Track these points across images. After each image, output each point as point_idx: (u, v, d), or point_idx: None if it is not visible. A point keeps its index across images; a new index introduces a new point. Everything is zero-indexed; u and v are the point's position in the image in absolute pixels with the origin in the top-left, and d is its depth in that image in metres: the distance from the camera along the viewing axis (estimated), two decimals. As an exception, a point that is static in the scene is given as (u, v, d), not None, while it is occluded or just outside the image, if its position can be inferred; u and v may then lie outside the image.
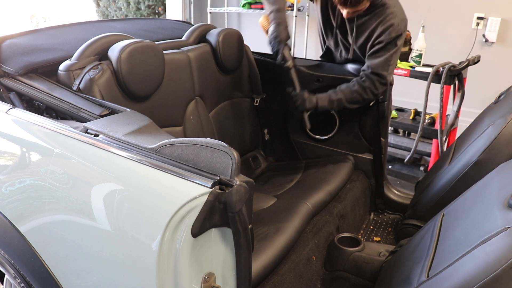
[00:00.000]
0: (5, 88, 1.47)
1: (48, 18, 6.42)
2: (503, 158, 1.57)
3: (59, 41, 1.69)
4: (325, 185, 1.95)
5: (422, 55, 2.79)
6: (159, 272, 0.95)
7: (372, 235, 2.18)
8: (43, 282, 1.24)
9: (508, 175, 1.29)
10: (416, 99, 3.15)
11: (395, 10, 1.88)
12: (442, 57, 2.90)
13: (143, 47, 1.58)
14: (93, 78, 1.47)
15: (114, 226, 1.03)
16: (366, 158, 2.25)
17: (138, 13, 5.43)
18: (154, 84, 1.67)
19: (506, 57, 3.69)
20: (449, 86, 2.64)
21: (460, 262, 1.10)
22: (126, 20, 2.38)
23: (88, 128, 1.18)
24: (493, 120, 1.73)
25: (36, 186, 1.21)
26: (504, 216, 1.08)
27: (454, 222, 1.35)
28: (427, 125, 3.00)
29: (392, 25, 1.87)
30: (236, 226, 0.94)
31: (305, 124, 2.10)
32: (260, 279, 1.41)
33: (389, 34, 1.88)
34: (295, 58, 2.45)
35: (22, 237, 1.24)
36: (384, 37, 1.88)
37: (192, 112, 1.95)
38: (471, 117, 2.35)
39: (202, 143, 1.00)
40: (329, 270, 1.78)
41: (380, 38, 1.90)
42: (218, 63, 2.09)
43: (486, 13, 3.67)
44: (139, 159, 1.02)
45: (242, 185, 0.93)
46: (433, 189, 1.91)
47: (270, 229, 1.57)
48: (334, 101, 2.00)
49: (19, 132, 1.31)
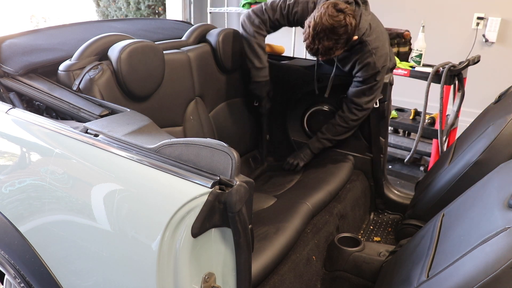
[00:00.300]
0: (5, 88, 1.47)
1: (48, 18, 6.42)
2: (503, 158, 1.57)
3: (59, 41, 1.69)
4: (325, 185, 1.95)
5: (422, 55, 2.79)
6: (159, 272, 0.95)
7: (372, 235, 2.18)
8: (43, 282, 1.24)
9: (508, 175, 1.29)
10: (416, 99, 3.15)
11: (374, 46, 1.87)
12: (442, 57, 2.90)
13: (143, 47, 1.58)
14: (93, 78, 1.47)
15: (114, 226, 1.03)
16: (366, 158, 2.25)
17: (138, 13, 5.43)
18: (154, 84, 1.67)
19: (506, 57, 3.69)
20: (449, 86, 2.63)
21: (460, 262, 1.10)
22: (126, 20, 2.38)
23: (88, 128, 1.18)
24: (493, 120, 1.73)
25: (36, 186, 1.21)
26: (504, 216, 1.08)
27: (454, 222, 1.35)
28: (427, 125, 3.00)
29: (369, 64, 1.89)
30: (236, 226, 0.94)
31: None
32: (260, 279, 1.41)
33: (366, 71, 1.92)
34: (295, 58, 2.46)
35: (22, 237, 1.24)
36: (361, 74, 1.93)
37: (192, 112, 1.95)
38: (471, 117, 2.35)
39: (202, 143, 1.00)
40: (329, 270, 1.78)
41: (358, 73, 1.94)
42: (218, 63, 2.09)
43: (486, 13, 3.67)
44: (139, 159, 1.02)
45: (242, 185, 0.93)
46: (433, 189, 1.91)
47: (270, 229, 1.57)
48: (323, 140, 2.15)
49: (19, 132, 1.31)
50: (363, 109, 2.02)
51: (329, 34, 1.73)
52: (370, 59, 1.88)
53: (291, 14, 1.97)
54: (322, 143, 2.15)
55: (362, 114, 2.03)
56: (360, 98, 1.98)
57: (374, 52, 1.87)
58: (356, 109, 2.02)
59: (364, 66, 1.90)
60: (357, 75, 1.95)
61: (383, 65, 1.91)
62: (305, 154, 2.19)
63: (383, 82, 1.99)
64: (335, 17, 1.71)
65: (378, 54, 1.88)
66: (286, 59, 2.41)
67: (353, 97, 2.00)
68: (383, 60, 1.91)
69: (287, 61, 2.36)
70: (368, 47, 1.86)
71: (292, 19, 1.99)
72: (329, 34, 1.73)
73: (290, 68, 2.30)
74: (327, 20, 1.71)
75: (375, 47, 1.87)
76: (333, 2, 1.76)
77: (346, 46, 1.81)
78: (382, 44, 1.90)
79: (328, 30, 1.72)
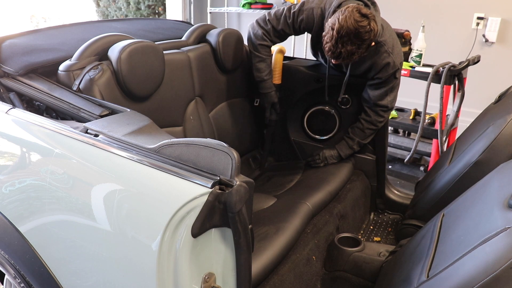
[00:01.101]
0: (5, 88, 1.47)
1: (48, 18, 6.41)
2: (503, 158, 1.57)
3: (59, 41, 1.69)
4: (325, 185, 1.95)
5: (422, 55, 2.79)
6: (159, 272, 0.95)
7: (372, 235, 2.18)
8: (43, 282, 1.24)
9: (508, 175, 1.29)
10: (416, 99, 3.15)
11: (390, 45, 1.87)
12: (442, 57, 2.90)
13: (143, 47, 1.58)
14: (93, 78, 1.47)
15: (114, 226, 1.03)
16: (366, 158, 2.25)
17: (138, 13, 5.43)
18: (154, 84, 1.67)
19: (506, 57, 3.69)
20: (449, 86, 2.64)
21: (460, 262, 1.10)
22: (126, 20, 2.38)
23: (88, 128, 1.18)
24: (493, 120, 1.73)
25: (36, 186, 1.21)
26: (504, 216, 1.08)
27: (454, 222, 1.35)
28: (427, 125, 3.00)
29: (388, 64, 1.89)
30: (236, 226, 0.94)
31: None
32: (260, 279, 1.41)
33: (386, 71, 1.91)
34: (295, 58, 2.46)
35: (22, 237, 1.24)
36: (382, 74, 1.92)
37: (192, 112, 1.95)
38: (471, 117, 2.35)
39: (202, 143, 1.00)
40: (329, 270, 1.78)
41: (378, 75, 1.93)
42: (218, 63, 2.09)
43: (486, 13, 3.67)
44: (139, 159, 1.02)
45: (242, 185, 0.93)
46: (433, 189, 1.91)
47: (270, 229, 1.57)
48: (353, 146, 2.15)
49: (19, 132, 1.31)
50: (389, 109, 2.03)
51: (353, 38, 1.69)
52: (389, 59, 1.87)
53: (296, 22, 1.97)
54: (352, 149, 2.15)
55: (388, 114, 2.05)
56: (384, 99, 1.99)
57: (390, 51, 1.87)
58: (382, 111, 2.03)
59: (384, 66, 1.89)
60: (377, 76, 1.93)
61: (400, 62, 1.92)
62: (332, 157, 2.18)
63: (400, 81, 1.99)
64: (360, 22, 1.68)
65: (395, 53, 1.88)
66: (286, 59, 2.41)
67: (377, 100, 1.99)
68: (400, 56, 1.92)
69: (287, 61, 2.36)
70: (384, 47, 1.86)
71: (297, 27, 1.98)
72: (353, 38, 1.69)
73: (290, 68, 2.30)
74: (353, 24, 1.67)
75: (391, 46, 1.87)
76: (356, 6, 1.72)
77: (366, 51, 1.79)
78: (396, 42, 1.91)
79: (353, 34, 1.68)
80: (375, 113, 2.04)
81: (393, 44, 1.89)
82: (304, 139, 2.37)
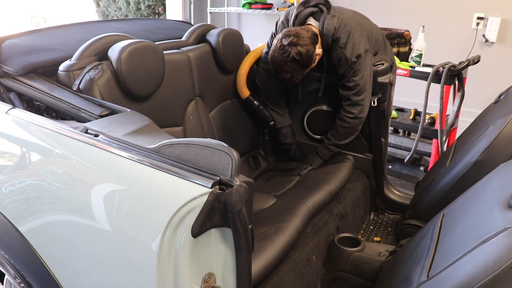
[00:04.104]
0: (5, 88, 1.47)
1: (48, 18, 6.42)
2: (503, 158, 1.57)
3: (59, 41, 1.69)
4: (325, 185, 1.95)
5: (422, 55, 2.79)
6: (159, 272, 0.95)
7: (372, 235, 2.18)
8: (43, 282, 1.24)
9: (508, 175, 1.29)
10: (416, 99, 3.15)
11: (344, 41, 1.87)
12: (442, 57, 2.90)
13: (143, 47, 1.58)
14: (93, 78, 1.47)
15: (114, 226, 1.03)
16: (366, 158, 2.25)
17: (138, 13, 5.43)
18: (154, 84, 1.67)
19: (506, 57, 3.69)
20: (449, 86, 2.64)
21: (460, 262, 1.10)
22: (126, 20, 2.38)
23: (88, 128, 1.18)
24: (493, 120, 1.73)
25: (36, 186, 1.21)
26: (504, 216, 1.08)
27: (454, 222, 1.35)
28: (427, 125, 3.00)
29: (341, 59, 1.90)
30: (236, 226, 0.94)
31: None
32: (260, 279, 1.41)
33: (341, 67, 1.93)
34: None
35: (22, 237, 1.24)
36: (340, 70, 1.94)
37: (192, 112, 1.95)
38: (471, 117, 2.35)
39: (202, 143, 1.00)
40: (329, 270, 1.78)
41: (337, 70, 1.95)
42: (218, 63, 2.09)
43: (486, 13, 3.67)
44: (139, 159, 1.02)
45: (242, 185, 0.93)
46: (433, 189, 1.91)
47: (270, 229, 1.57)
48: (330, 147, 2.13)
49: (19, 132, 1.31)
50: (355, 104, 1.97)
51: (284, 67, 1.84)
52: (341, 54, 1.89)
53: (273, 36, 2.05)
54: (329, 149, 2.13)
55: (356, 109, 1.98)
56: (347, 92, 1.97)
57: (343, 46, 1.88)
58: (347, 105, 1.99)
59: (338, 62, 1.92)
60: (337, 71, 1.96)
61: (357, 54, 1.89)
62: (314, 160, 2.18)
63: (367, 72, 1.94)
64: (282, 54, 1.80)
65: (348, 46, 1.88)
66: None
67: (342, 94, 2.00)
68: (356, 48, 1.89)
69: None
70: (338, 43, 1.89)
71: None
72: (285, 67, 1.83)
73: None
74: (278, 57, 1.83)
75: (344, 42, 1.88)
76: (283, 33, 1.83)
77: (308, 69, 1.88)
78: (351, 34, 1.88)
79: (281, 66, 1.84)
80: (343, 109, 2.02)
81: (348, 38, 1.88)
82: (304, 139, 2.37)
